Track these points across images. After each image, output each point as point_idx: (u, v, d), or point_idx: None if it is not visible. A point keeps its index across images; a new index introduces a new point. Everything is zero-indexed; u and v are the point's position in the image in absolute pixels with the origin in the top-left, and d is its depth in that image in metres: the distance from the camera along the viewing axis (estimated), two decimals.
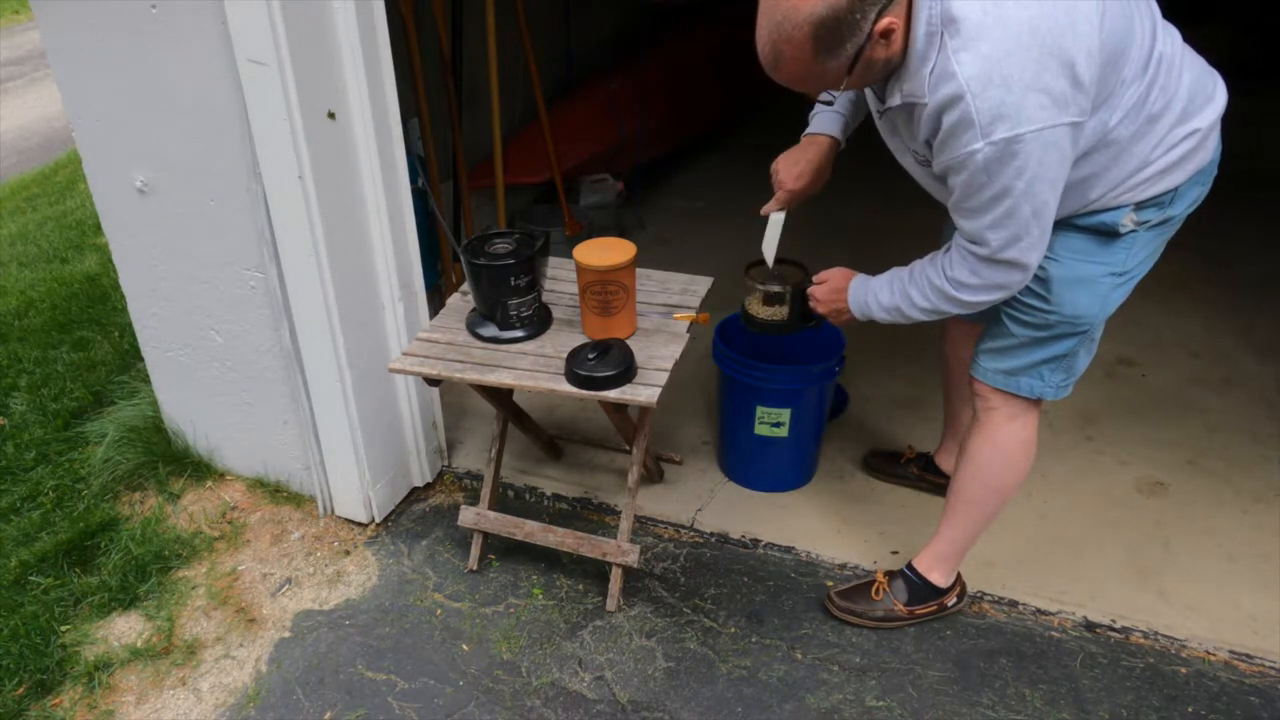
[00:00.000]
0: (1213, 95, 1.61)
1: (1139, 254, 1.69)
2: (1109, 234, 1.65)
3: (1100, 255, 1.67)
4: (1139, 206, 1.63)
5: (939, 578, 2.09)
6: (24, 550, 2.42)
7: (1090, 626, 2.12)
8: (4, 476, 2.71)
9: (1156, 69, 1.53)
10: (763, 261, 2.04)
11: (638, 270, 2.11)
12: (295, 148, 1.97)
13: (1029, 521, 2.40)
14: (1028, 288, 1.72)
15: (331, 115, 2.03)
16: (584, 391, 1.91)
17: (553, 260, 2.30)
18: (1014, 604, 2.18)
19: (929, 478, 2.47)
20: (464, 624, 2.18)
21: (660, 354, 2.00)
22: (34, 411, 2.98)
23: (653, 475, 2.56)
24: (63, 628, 2.20)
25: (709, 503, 2.50)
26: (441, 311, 2.22)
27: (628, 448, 2.20)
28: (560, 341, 2.07)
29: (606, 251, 2.01)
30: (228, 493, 2.60)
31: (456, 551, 2.39)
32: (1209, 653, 2.04)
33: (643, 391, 1.89)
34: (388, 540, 2.45)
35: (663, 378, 1.93)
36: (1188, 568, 2.25)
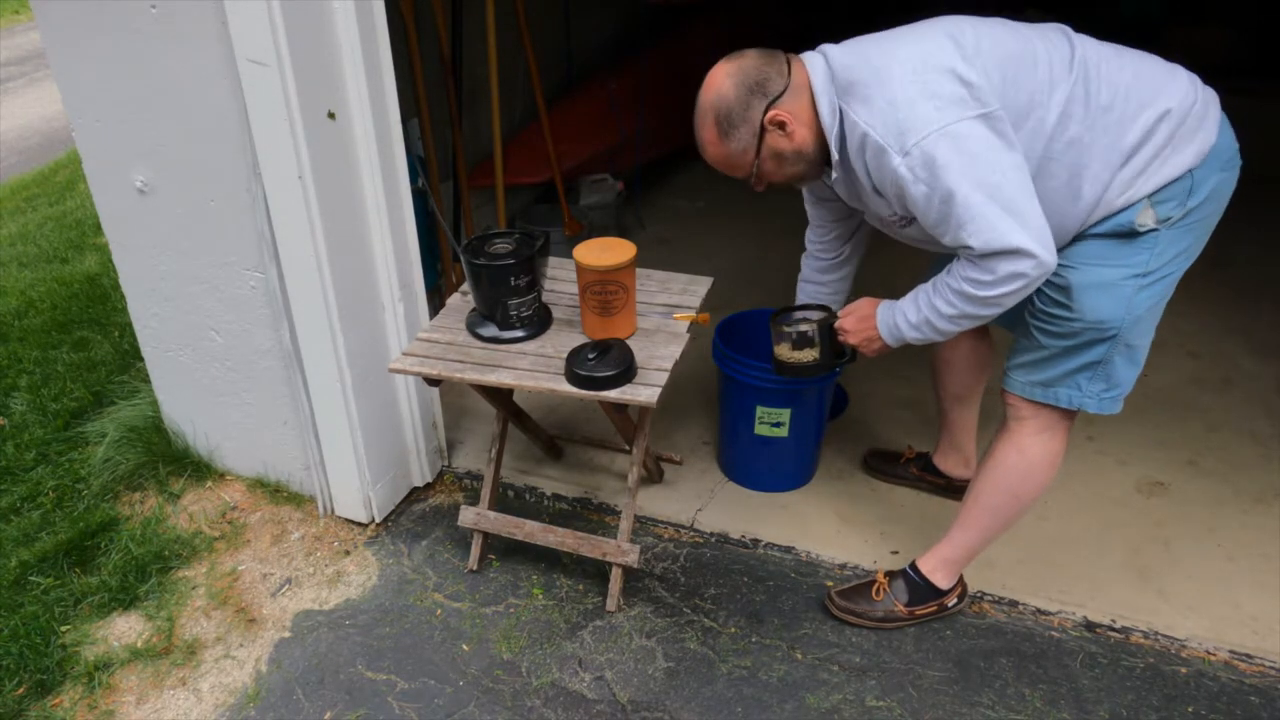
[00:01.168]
0: (1173, 78, 1.64)
1: (1164, 254, 1.67)
2: (1128, 235, 1.65)
3: (1119, 258, 1.67)
4: (1155, 201, 1.62)
5: (941, 579, 2.09)
6: (24, 550, 2.42)
7: (1090, 626, 2.12)
8: (4, 476, 2.71)
9: (1084, 67, 1.61)
10: (784, 310, 2.09)
11: (638, 270, 2.11)
12: (295, 148, 1.97)
13: (1029, 521, 2.40)
14: (1049, 296, 1.73)
15: (331, 115, 2.03)
16: (584, 391, 1.91)
17: (553, 260, 2.30)
18: (1014, 604, 2.18)
19: (929, 478, 2.47)
20: (464, 624, 2.18)
21: (660, 354, 2.00)
22: (34, 411, 2.98)
23: (653, 475, 2.56)
24: (63, 628, 2.21)
25: (709, 503, 2.50)
26: (441, 311, 2.22)
27: (628, 448, 2.20)
28: (560, 341, 2.07)
29: (606, 251, 2.01)
30: (228, 493, 2.60)
31: (456, 551, 2.39)
32: (1209, 653, 2.05)
33: (643, 391, 1.89)
34: (388, 540, 2.45)
35: (663, 378, 1.93)
36: (1188, 568, 2.25)
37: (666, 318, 2.13)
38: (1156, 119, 1.59)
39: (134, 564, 2.35)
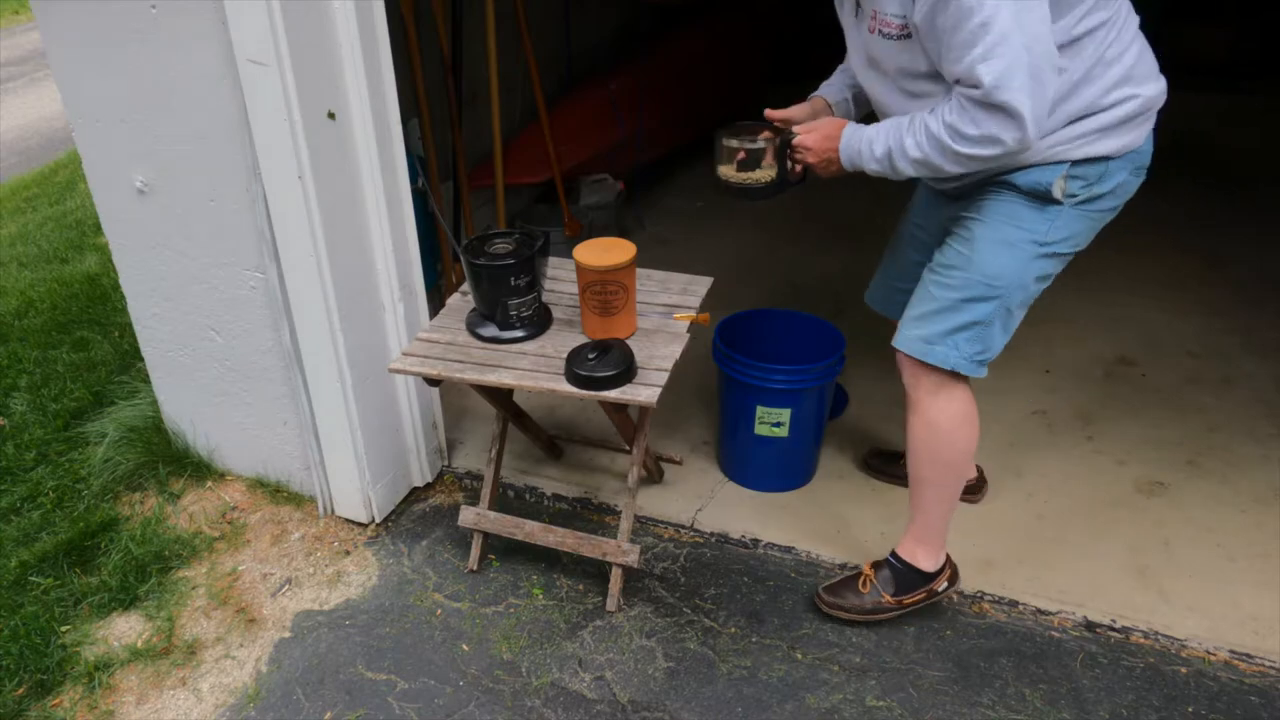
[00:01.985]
0: (1157, 75, 1.70)
1: (1061, 230, 1.75)
2: (1041, 198, 1.72)
3: (1024, 221, 1.75)
4: (1071, 173, 1.69)
5: (924, 561, 2.07)
6: (24, 550, 2.42)
7: (1090, 626, 2.12)
8: (4, 476, 2.71)
9: (1119, 12, 1.63)
10: (732, 125, 1.94)
11: (638, 270, 2.11)
12: (295, 148, 1.97)
13: (1029, 521, 2.40)
14: (953, 249, 1.81)
15: (331, 115, 2.03)
16: (584, 391, 1.91)
17: (553, 260, 2.30)
18: (1014, 604, 2.18)
19: None
20: (464, 624, 2.18)
21: (660, 354, 2.00)
22: (34, 411, 2.98)
23: (653, 475, 2.56)
24: (63, 628, 2.21)
25: (709, 503, 2.50)
26: (441, 311, 2.22)
27: (628, 448, 2.20)
28: (560, 341, 2.07)
29: (606, 251, 2.01)
30: (228, 493, 2.60)
31: (456, 551, 2.39)
32: (1209, 653, 2.05)
33: (643, 391, 1.89)
34: (388, 540, 2.45)
35: (663, 378, 1.93)
36: (1188, 568, 2.25)
37: (666, 318, 2.13)
38: (1127, 98, 1.65)
39: (134, 564, 2.35)
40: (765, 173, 1.89)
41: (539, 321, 2.11)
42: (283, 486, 2.59)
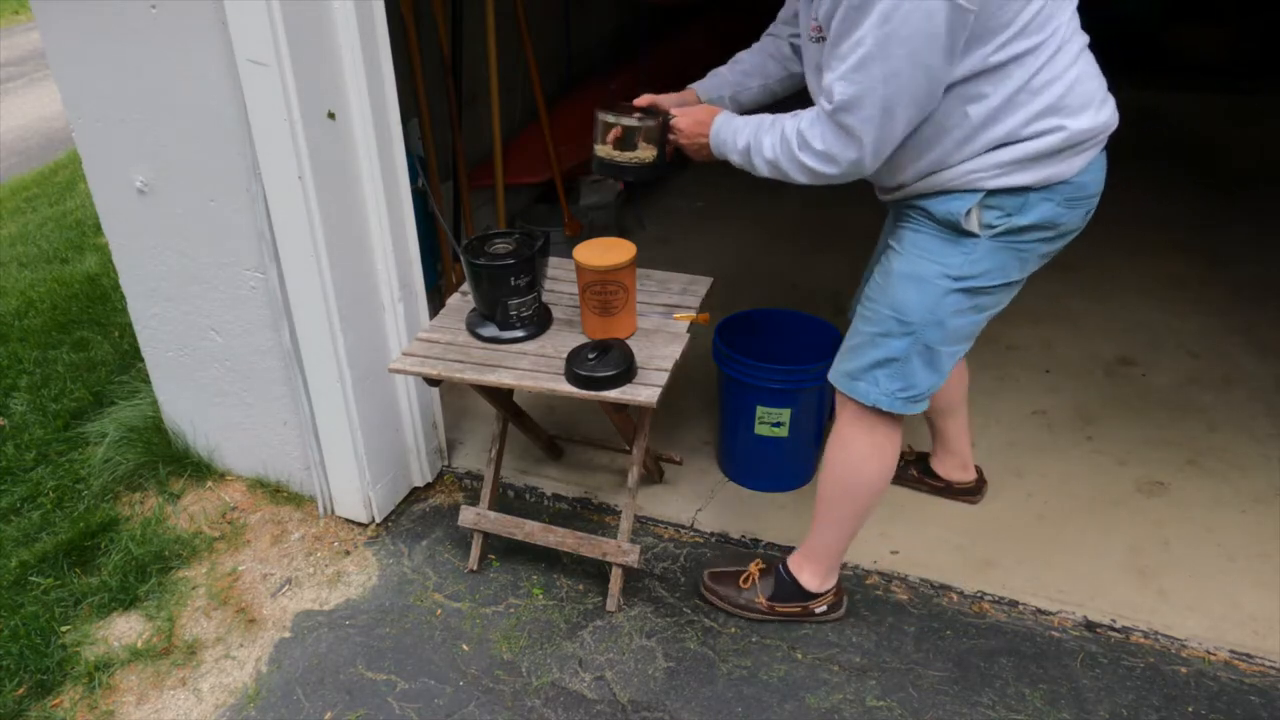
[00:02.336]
0: (1097, 106, 1.60)
1: (979, 263, 1.68)
2: (954, 229, 1.67)
3: (939, 255, 1.71)
4: (986, 203, 1.63)
5: (809, 579, 2.08)
6: (24, 550, 2.42)
7: (1090, 626, 2.12)
8: (4, 477, 2.71)
9: (1055, 38, 1.53)
10: (612, 105, 1.94)
11: (638, 270, 2.11)
12: (295, 148, 1.97)
13: (1029, 521, 2.40)
14: (877, 281, 1.79)
15: (331, 115, 2.03)
16: (584, 391, 1.91)
17: (553, 260, 2.30)
18: (1014, 604, 2.18)
19: (928, 481, 2.46)
20: (464, 624, 2.18)
21: (660, 354, 2.00)
22: (34, 411, 2.98)
23: (653, 475, 2.56)
24: (63, 628, 2.21)
25: (709, 503, 2.50)
26: (441, 311, 2.22)
27: (628, 448, 2.20)
28: (560, 341, 2.07)
29: (606, 251, 2.01)
30: (228, 493, 2.60)
31: (456, 551, 2.39)
32: (1209, 653, 2.05)
33: (643, 391, 1.89)
34: (388, 540, 2.45)
35: (663, 378, 1.93)
36: (1188, 568, 2.25)
37: (666, 318, 2.13)
38: (1051, 129, 1.57)
39: (134, 564, 2.35)
40: (644, 153, 1.89)
41: (539, 321, 2.11)
42: (283, 486, 2.59)
